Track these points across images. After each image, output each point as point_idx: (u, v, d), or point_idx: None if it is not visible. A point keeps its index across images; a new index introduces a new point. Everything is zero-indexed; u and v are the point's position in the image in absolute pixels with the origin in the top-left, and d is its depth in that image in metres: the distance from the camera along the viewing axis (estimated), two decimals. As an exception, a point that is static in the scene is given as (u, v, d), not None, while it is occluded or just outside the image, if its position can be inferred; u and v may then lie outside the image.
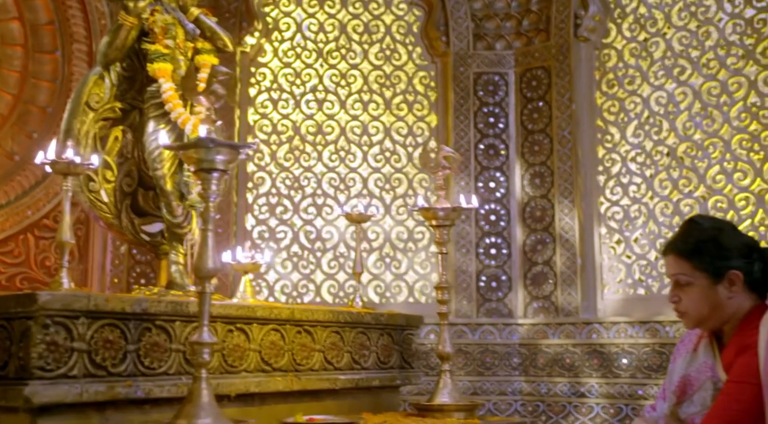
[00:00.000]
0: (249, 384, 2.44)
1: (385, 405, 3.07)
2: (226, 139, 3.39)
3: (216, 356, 2.38)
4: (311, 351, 2.69)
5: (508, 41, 6.42)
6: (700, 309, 2.18)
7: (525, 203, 6.18)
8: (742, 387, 2.04)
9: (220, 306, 2.39)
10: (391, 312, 3.19)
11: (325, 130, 6.48)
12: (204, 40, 3.02)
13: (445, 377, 2.93)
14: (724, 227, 2.24)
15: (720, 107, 5.55)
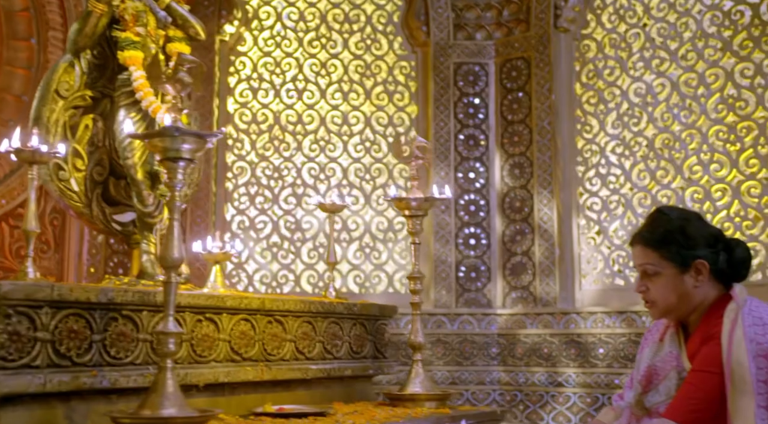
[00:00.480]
0: (218, 374, 2.43)
1: (359, 395, 3.07)
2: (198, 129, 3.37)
3: (184, 346, 2.37)
4: (282, 341, 2.69)
5: (489, 31, 6.41)
6: (667, 298, 2.19)
7: (504, 194, 6.19)
8: (704, 376, 2.05)
9: (188, 296, 2.38)
10: (365, 302, 3.19)
11: (305, 120, 6.46)
12: (176, 28, 2.99)
13: (417, 366, 2.94)
14: (690, 217, 2.25)
15: (697, 99, 5.58)
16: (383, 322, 3.16)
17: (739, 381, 1.96)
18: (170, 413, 1.91)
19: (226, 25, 6.35)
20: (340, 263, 6.32)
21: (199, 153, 2.08)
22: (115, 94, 2.97)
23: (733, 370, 1.98)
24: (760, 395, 1.94)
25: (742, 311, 2.07)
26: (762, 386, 1.94)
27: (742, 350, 1.98)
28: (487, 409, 2.87)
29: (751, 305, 2.10)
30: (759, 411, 1.92)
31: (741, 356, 1.98)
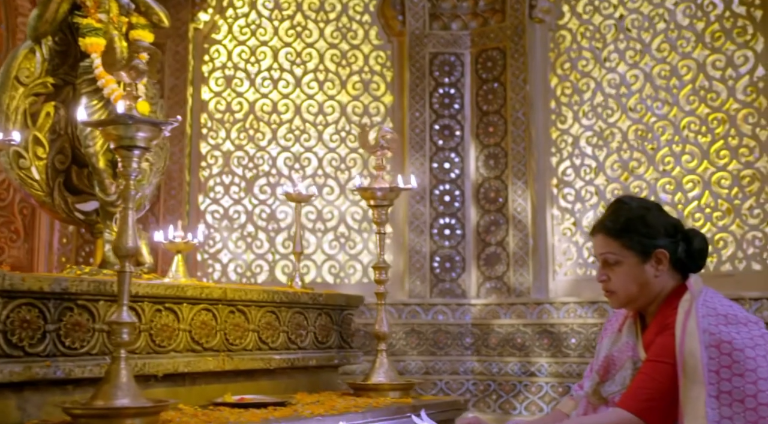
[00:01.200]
0: (178, 364, 2.42)
1: (324, 385, 3.07)
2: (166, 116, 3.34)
3: (143, 336, 2.35)
4: (245, 331, 2.68)
5: (464, 21, 6.40)
6: (628, 288, 2.20)
7: (479, 184, 6.20)
8: (658, 366, 2.06)
9: (147, 285, 2.36)
10: (330, 292, 3.18)
11: (281, 109, 6.43)
12: (139, 14, 2.95)
13: (381, 356, 2.94)
14: (650, 206, 2.26)
15: (670, 90, 5.61)
16: (349, 312, 3.16)
17: (691, 371, 1.97)
18: (123, 404, 1.89)
19: (200, 12, 6.30)
20: (315, 253, 6.31)
21: (155, 141, 2.05)
22: (77, 82, 2.93)
23: (685, 360, 1.99)
24: (712, 385, 1.95)
25: (697, 301, 2.08)
26: (713, 376, 1.95)
27: (695, 341, 1.99)
28: (451, 398, 2.87)
29: (706, 295, 2.11)
30: (710, 400, 1.94)
31: (693, 347, 1.99)
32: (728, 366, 1.95)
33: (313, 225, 6.33)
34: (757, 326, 2.04)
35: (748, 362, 1.95)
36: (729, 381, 1.94)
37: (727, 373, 1.95)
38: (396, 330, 6.00)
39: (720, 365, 1.96)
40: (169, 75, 6.16)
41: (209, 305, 2.57)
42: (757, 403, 1.91)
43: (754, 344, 1.98)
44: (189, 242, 2.71)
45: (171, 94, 6.15)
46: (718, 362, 1.96)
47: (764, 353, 1.97)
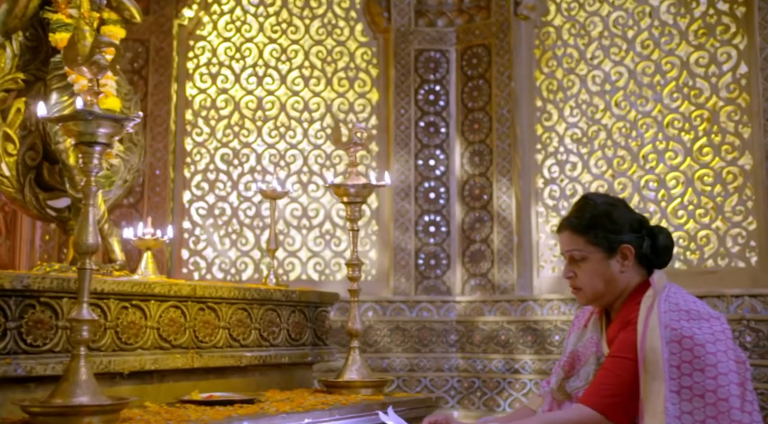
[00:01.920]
0: (145, 361, 2.41)
1: (298, 382, 3.06)
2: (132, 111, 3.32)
3: (108, 333, 2.34)
4: (215, 328, 2.67)
5: (450, 18, 6.39)
6: (595, 284, 2.20)
7: (464, 181, 6.19)
8: (620, 362, 2.07)
9: (113, 282, 2.35)
10: (305, 289, 3.17)
11: (266, 106, 6.41)
12: (110, 10, 2.94)
13: (354, 353, 2.93)
14: (616, 202, 2.27)
15: (654, 87, 5.61)
16: (324, 309, 3.15)
17: (651, 366, 1.98)
18: (82, 402, 1.88)
19: (185, 8, 6.27)
20: (300, 250, 6.30)
21: (117, 137, 2.04)
22: (48, 77, 2.91)
23: (646, 355, 1.99)
24: (673, 380, 1.95)
25: (659, 297, 2.09)
26: (675, 371, 1.96)
27: (656, 336, 1.99)
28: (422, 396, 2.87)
29: (669, 291, 2.12)
30: (671, 395, 1.94)
31: (654, 342, 1.99)
32: (689, 361, 1.96)
33: (298, 222, 6.32)
34: (719, 322, 2.04)
35: (708, 357, 1.95)
36: (690, 376, 1.95)
37: (688, 368, 1.95)
38: (380, 327, 5.99)
39: (681, 360, 1.96)
40: (153, 71, 6.13)
41: (178, 302, 2.56)
42: (717, 398, 1.91)
43: (715, 339, 1.98)
44: (158, 239, 2.70)
45: (155, 90, 6.13)
46: (679, 357, 1.96)
47: (725, 348, 1.98)
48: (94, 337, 2.31)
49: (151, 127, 6.08)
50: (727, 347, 1.98)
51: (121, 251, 2.91)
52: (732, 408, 1.90)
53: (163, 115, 6.11)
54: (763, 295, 4.80)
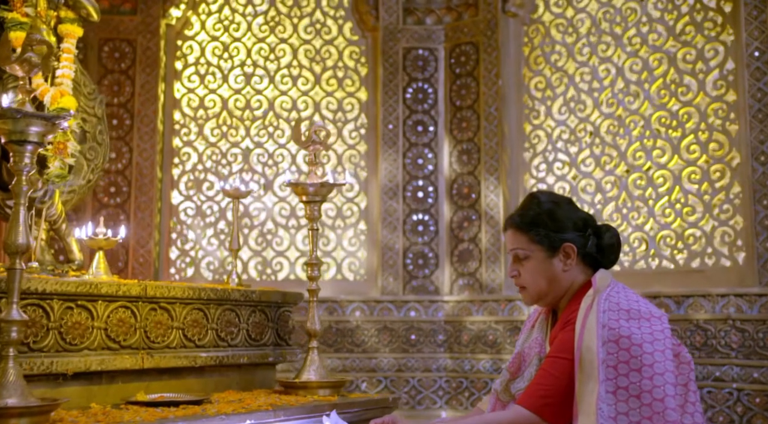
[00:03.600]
0: (90, 362, 2.39)
1: (259, 383, 3.03)
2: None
3: (51, 334, 2.32)
4: (168, 329, 2.64)
5: (439, 16, 6.35)
6: (538, 282, 2.17)
7: (452, 180, 6.15)
8: (556, 362, 2.03)
9: (56, 283, 2.33)
10: (266, 289, 3.14)
11: (254, 105, 6.39)
12: (67, 8, 2.92)
13: (312, 354, 2.90)
14: (560, 201, 2.23)
15: (641, 84, 5.54)
16: (287, 309, 3.12)
17: (587, 366, 1.94)
18: (9, 403, 1.86)
19: (172, 8, 6.26)
20: (288, 249, 6.28)
21: (50, 136, 2.02)
22: (5, 76, 2.90)
23: (582, 355, 1.96)
24: (609, 380, 1.91)
25: (599, 296, 2.05)
26: (611, 371, 1.92)
27: (593, 336, 1.95)
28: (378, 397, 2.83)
29: (612, 291, 2.07)
30: (607, 396, 1.90)
31: (590, 342, 1.95)
32: (626, 361, 1.92)
33: (286, 221, 6.30)
34: (660, 321, 2.00)
35: (645, 357, 1.91)
36: (626, 377, 1.91)
37: (625, 368, 1.91)
38: (368, 327, 5.97)
39: (618, 360, 1.92)
40: (140, 71, 6.14)
41: (128, 302, 2.54)
42: (653, 398, 1.87)
43: (653, 338, 1.94)
44: (110, 238, 2.68)
45: (142, 90, 6.13)
46: (616, 357, 1.92)
47: (663, 347, 1.94)
48: (35, 338, 2.30)
49: (138, 127, 6.08)
50: (665, 346, 1.94)
51: (79, 250, 2.89)
52: (667, 408, 1.86)
53: (150, 115, 6.11)
54: (749, 294, 4.73)
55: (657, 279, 5.27)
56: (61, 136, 2.80)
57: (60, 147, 2.79)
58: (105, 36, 6.13)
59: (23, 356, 2.24)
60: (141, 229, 6.00)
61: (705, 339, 4.86)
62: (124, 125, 6.09)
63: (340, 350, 5.95)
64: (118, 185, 6.04)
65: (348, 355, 5.95)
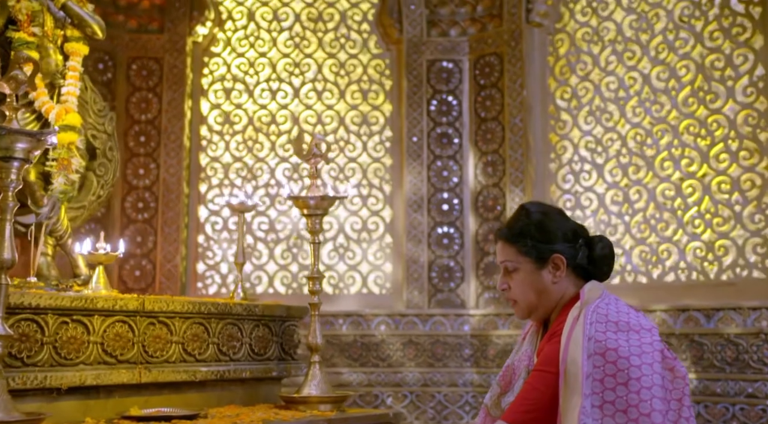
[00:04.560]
0: (85, 377, 2.40)
1: (264, 397, 3.02)
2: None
3: (46, 348, 2.34)
4: (167, 343, 2.65)
5: (463, 27, 6.31)
6: (527, 295, 2.11)
7: (477, 192, 6.09)
8: (541, 375, 1.97)
9: (50, 297, 2.35)
10: (270, 303, 3.13)
11: (279, 120, 6.43)
12: (73, 27, 2.97)
13: (314, 368, 2.87)
14: (549, 211, 2.16)
15: (668, 92, 5.42)
16: (292, 323, 3.11)
17: (571, 380, 1.87)
18: (-7, 417, 1.88)
19: (198, 26, 6.35)
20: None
21: (36, 153, 2.04)
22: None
23: (567, 368, 1.89)
24: (596, 394, 1.84)
25: (587, 308, 1.98)
26: (598, 385, 1.84)
27: (578, 348, 1.89)
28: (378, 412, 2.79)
29: (601, 302, 2.00)
30: (593, 411, 1.83)
31: (576, 355, 1.88)
32: (613, 375, 1.84)
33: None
34: (650, 334, 1.92)
35: (632, 370, 1.84)
36: (613, 390, 1.83)
37: (612, 382, 1.84)
38: (393, 341, 5.92)
39: (605, 373, 1.85)
40: (167, 88, 6.23)
41: (125, 317, 2.55)
42: (639, 413, 1.80)
43: (641, 351, 1.87)
44: (110, 253, 2.70)
45: (168, 107, 6.22)
46: (602, 370, 1.85)
47: (651, 361, 1.86)
48: (29, 352, 2.32)
49: (165, 143, 6.17)
50: (653, 359, 1.86)
51: (85, 265, 2.92)
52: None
53: (176, 131, 6.19)
54: (782, 307, 4.57)
55: (687, 292, 5.12)
56: (66, 152, 2.85)
57: (64, 163, 2.84)
58: (133, 54, 6.25)
59: (16, 370, 2.27)
60: (168, 244, 6.07)
61: (736, 354, 4.70)
62: (152, 142, 6.18)
63: (365, 364, 5.92)
64: (146, 201, 6.12)
65: (373, 369, 5.91)
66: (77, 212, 3.17)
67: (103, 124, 3.27)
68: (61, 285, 2.84)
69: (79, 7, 2.98)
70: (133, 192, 6.12)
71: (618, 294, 5.59)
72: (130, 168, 6.12)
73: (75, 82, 2.95)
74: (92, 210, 3.27)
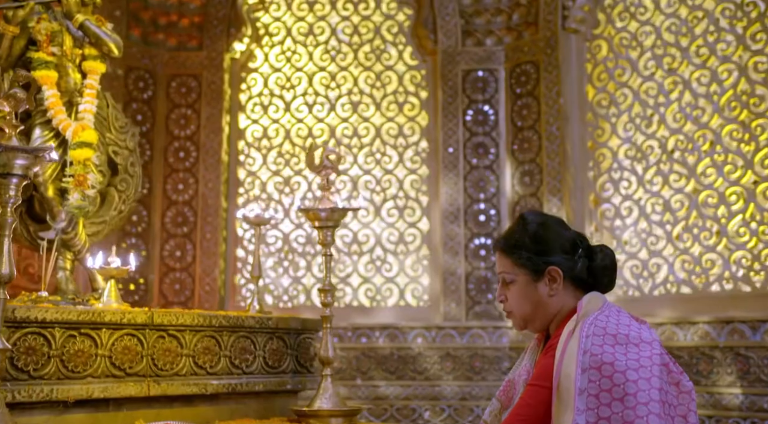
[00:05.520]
0: (93, 389, 2.43)
1: (279, 410, 3.01)
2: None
3: (53, 362, 2.38)
4: (177, 356, 2.66)
5: (499, 37, 6.25)
6: (523, 308, 2.05)
7: (515, 202, 5.99)
8: (534, 390, 1.90)
9: (56, 311, 2.39)
10: (284, 316, 3.12)
11: (316, 133, 6.46)
12: (90, 46, 3.03)
13: (326, 382, 2.84)
14: (547, 221, 2.09)
15: (710, 97, 5.25)
16: (308, 336, 3.09)
17: (564, 395, 1.80)
18: (-14, 430, 1.90)
19: (236, 42, 6.43)
20: (351, 276, 6.26)
21: (34, 169, 2.08)
22: (33, 113, 3.04)
23: (560, 382, 1.82)
24: (590, 410, 1.76)
25: (584, 321, 1.90)
26: (593, 401, 1.77)
27: (572, 362, 1.81)
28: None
29: (601, 314, 1.92)
30: (588, 428, 1.75)
31: (569, 369, 1.81)
32: (608, 390, 1.77)
33: (348, 248, 6.29)
34: (650, 347, 1.84)
35: (629, 385, 1.75)
36: (608, 406, 1.75)
37: (607, 397, 1.76)
38: (430, 354, 5.86)
39: (600, 388, 1.77)
40: (205, 104, 6.32)
41: (134, 330, 2.58)
42: (633, 431, 1.71)
43: (639, 365, 1.78)
44: (121, 268, 2.73)
45: (207, 123, 6.31)
46: (598, 385, 1.77)
47: (648, 375, 1.77)
48: (36, 365, 2.35)
49: (203, 158, 6.26)
50: (651, 374, 1.77)
51: (103, 280, 2.96)
52: (650, 441, 1.69)
53: (215, 146, 6.28)
54: (832, 319, 4.35)
55: (732, 303, 4.93)
56: (82, 168, 2.90)
57: (80, 179, 2.89)
58: (172, 72, 6.36)
59: (22, 383, 2.30)
60: (206, 258, 6.15)
61: (784, 368, 4.49)
62: (191, 157, 6.28)
63: (402, 377, 5.87)
64: (185, 215, 6.21)
65: (410, 382, 5.85)
66: (99, 227, 3.23)
67: (125, 141, 3.32)
68: (77, 299, 2.88)
69: (97, 26, 3.04)
70: (172, 207, 6.21)
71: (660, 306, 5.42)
72: (169, 183, 6.23)
73: (92, 99, 3.01)
74: (114, 225, 3.32)
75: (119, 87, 6.06)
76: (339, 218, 2.95)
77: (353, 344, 5.93)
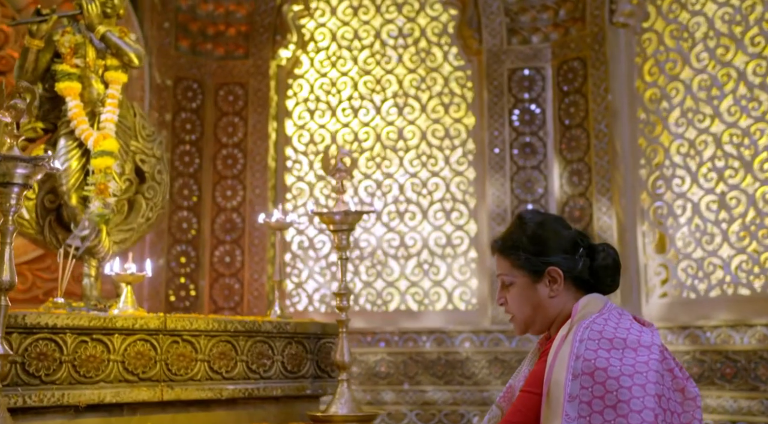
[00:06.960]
0: (104, 394, 2.46)
1: (298, 416, 2.99)
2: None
3: (65, 367, 2.42)
4: (191, 361, 2.67)
5: (545, 33, 6.11)
6: (522, 310, 1.98)
7: (564, 203, 5.84)
8: (526, 397, 1.82)
9: (67, 317, 2.43)
10: (302, 320, 3.10)
11: (361, 137, 6.45)
12: (112, 56, 3.10)
13: (342, 386, 2.81)
14: (545, 220, 2.01)
15: (766, 88, 4.99)
16: (328, 340, 3.06)
17: (553, 403, 1.71)
18: (-13, 434, 1.94)
19: (281, 49, 6.48)
20: (399, 280, 6.22)
21: (35, 178, 2.12)
22: (59, 124, 3.12)
23: (550, 389, 1.74)
24: (582, 418, 1.67)
25: (579, 324, 1.81)
26: (585, 408, 1.68)
27: (563, 369, 1.73)
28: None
29: (599, 317, 1.83)
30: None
31: (559, 375, 1.73)
32: (601, 397, 1.67)
33: (395, 251, 6.25)
34: (648, 351, 1.73)
35: (622, 392, 1.66)
36: (601, 414, 1.66)
37: (599, 405, 1.67)
38: (478, 359, 5.76)
39: (593, 395, 1.68)
40: (252, 111, 6.39)
41: (147, 335, 2.60)
42: (627, 439, 1.62)
43: (634, 371, 1.68)
44: (137, 274, 2.77)
45: (254, 130, 6.38)
46: (591, 392, 1.68)
47: (643, 382, 1.67)
48: (47, 370, 2.40)
49: (251, 165, 6.32)
50: (646, 380, 1.67)
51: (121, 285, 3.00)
52: (642, 450, 1.59)
53: (262, 153, 6.34)
54: None
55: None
56: (103, 177, 2.96)
57: (101, 188, 2.95)
58: (220, 81, 6.46)
59: (34, 388, 2.35)
60: (254, 263, 6.20)
61: None
62: (238, 164, 6.36)
63: (450, 382, 5.79)
64: (233, 222, 6.29)
65: (458, 387, 5.77)
66: (126, 235, 3.29)
67: (152, 149, 3.37)
68: (99, 305, 2.93)
69: (119, 37, 3.10)
70: (221, 213, 6.30)
71: (715, 308, 5.20)
72: (218, 190, 6.32)
73: (113, 109, 3.07)
74: (141, 232, 3.38)
75: (168, 97, 6.19)
76: (354, 222, 2.91)
77: (400, 348, 5.88)
